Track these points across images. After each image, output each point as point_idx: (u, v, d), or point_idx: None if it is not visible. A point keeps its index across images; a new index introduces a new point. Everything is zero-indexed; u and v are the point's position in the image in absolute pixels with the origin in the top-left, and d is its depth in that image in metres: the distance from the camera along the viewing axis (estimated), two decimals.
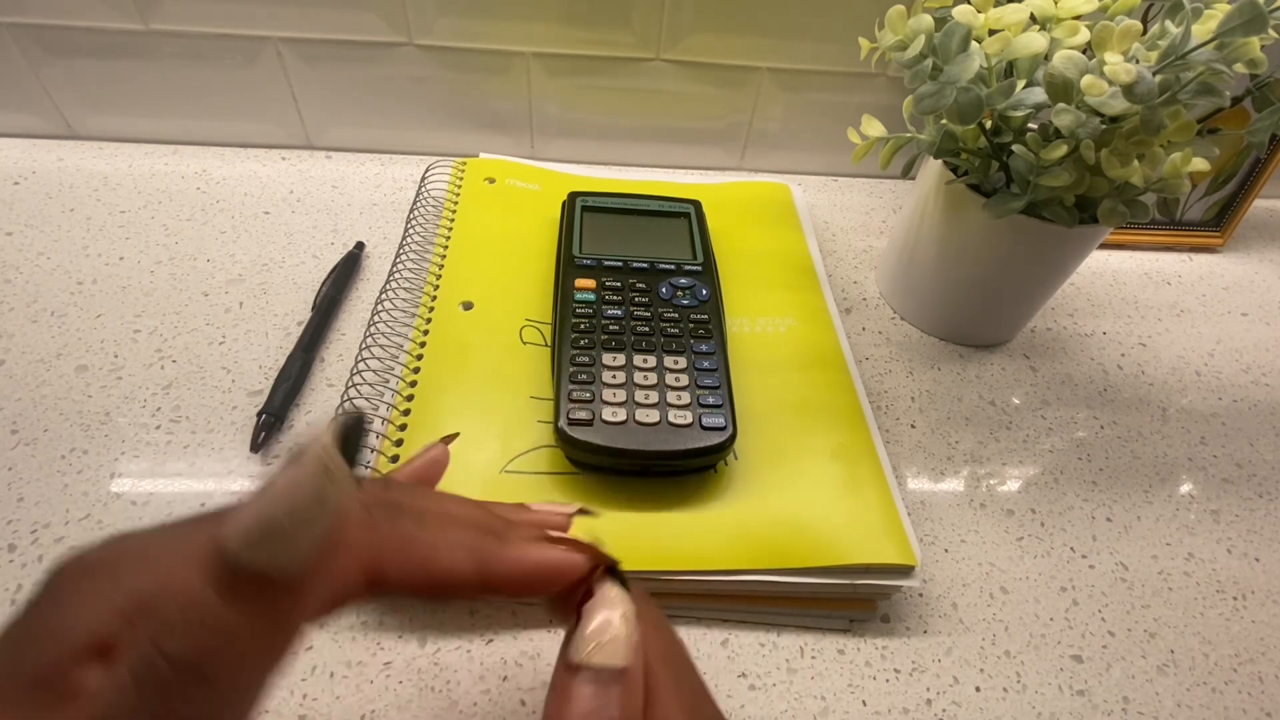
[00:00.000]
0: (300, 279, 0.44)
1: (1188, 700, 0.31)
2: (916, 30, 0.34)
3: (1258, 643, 0.33)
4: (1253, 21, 0.29)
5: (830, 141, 0.57)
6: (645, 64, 0.52)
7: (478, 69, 0.51)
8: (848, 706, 0.30)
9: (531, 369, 0.37)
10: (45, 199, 0.47)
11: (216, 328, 0.40)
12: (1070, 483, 0.39)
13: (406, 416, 0.34)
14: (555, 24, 0.49)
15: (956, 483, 0.38)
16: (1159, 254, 0.57)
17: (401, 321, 0.40)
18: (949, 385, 0.43)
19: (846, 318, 0.47)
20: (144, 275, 0.43)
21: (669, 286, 0.39)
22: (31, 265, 0.43)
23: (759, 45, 0.51)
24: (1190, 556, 0.37)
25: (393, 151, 0.55)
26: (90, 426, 0.35)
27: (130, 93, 0.50)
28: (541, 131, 0.55)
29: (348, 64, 0.50)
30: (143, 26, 0.47)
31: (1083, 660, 0.32)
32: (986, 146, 0.39)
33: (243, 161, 0.53)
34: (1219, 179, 0.54)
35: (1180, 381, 0.46)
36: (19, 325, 0.39)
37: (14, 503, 0.32)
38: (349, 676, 0.28)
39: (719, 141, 0.57)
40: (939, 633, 0.32)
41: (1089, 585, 0.35)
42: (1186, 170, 0.35)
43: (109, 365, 0.38)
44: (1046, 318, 0.49)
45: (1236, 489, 0.40)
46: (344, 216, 0.49)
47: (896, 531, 0.32)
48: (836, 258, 0.52)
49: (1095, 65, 0.31)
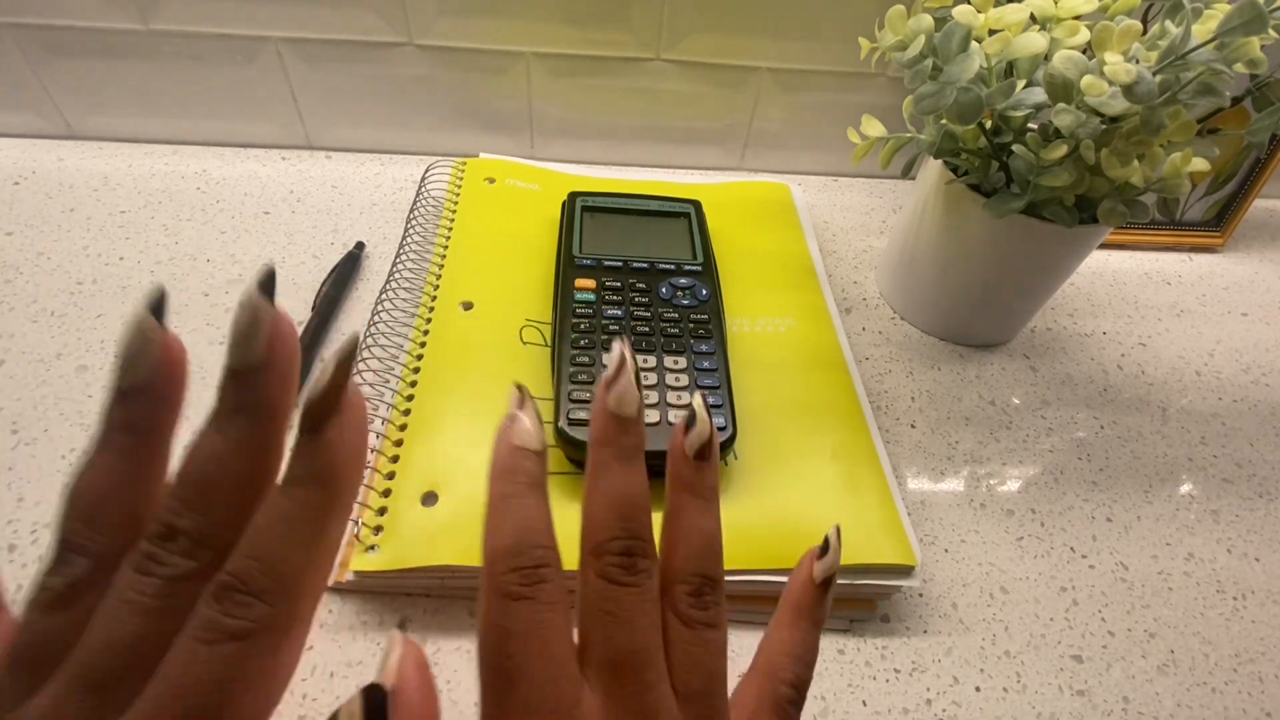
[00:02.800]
0: (300, 279, 0.44)
1: (1188, 700, 0.31)
2: (916, 30, 0.34)
3: (1258, 643, 0.33)
4: (1253, 21, 0.29)
5: (830, 141, 0.57)
6: (645, 64, 0.52)
7: (478, 69, 0.51)
8: (848, 706, 0.30)
9: (531, 369, 0.37)
10: (45, 199, 0.47)
11: (216, 328, 0.40)
12: (1070, 483, 0.39)
13: (406, 416, 0.34)
14: (555, 24, 0.49)
15: (956, 483, 0.38)
16: (1159, 254, 0.57)
17: (401, 321, 0.40)
18: (949, 385, 0.43)
19: (846, 318, 0.47)
20: (144, 275, 0.43)
21: (669, 286, 0.39)
22: (31, 265, 0.43)
23: (759, 45, 0.51)
24: (1190, 556, 0.37)
25: (393, 151, 0.55)
26: (90, 426, 0.35)
27: (130, 93, 0.50)
28: (541, 131, 0.55)
29: (348, 64, 0.50)
30: (143, 26, 0.47)
31: (1083, 660, 0.32)
32: (986, 146, 0.39)
33: (243, 161, 0.53)
34: (1219, 179, 0.54)
35: (1180, 381, 0.46)
36: (19, 325, 0.39)
37: (14, 503, 0.32)
38: (349, 676, 0.28)
39: (719, 141, 0.57)
40: (939, 633, 0.32)
41: (1089, 585, 0.35)
42: (1186, 170, 0.35)
43: (109, 365, 0.38)
44: (1046, 318, 0.49)
45: (1236, 489, 0.40)
46: (344, 216, 0.49)
47: (896, 531, 0.32)
48: (836, 258, 0.52)
49: (1095, 65, 0.31)
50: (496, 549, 0.17)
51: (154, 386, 0.15)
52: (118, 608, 0.14)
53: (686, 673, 0.18)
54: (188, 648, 0.14)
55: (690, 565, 0.19)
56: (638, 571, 0.18)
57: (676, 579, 0.19)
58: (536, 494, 0.18)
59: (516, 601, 0.16)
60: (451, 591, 0.31)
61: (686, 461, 0.19)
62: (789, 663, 0.20)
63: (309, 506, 0.15)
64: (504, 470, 0.18)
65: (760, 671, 0.20)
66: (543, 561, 0.17)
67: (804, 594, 0.21)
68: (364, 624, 0.30)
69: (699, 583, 0.19)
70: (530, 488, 0.18)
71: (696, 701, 0.18)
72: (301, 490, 0.15)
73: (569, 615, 0.17)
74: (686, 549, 0.19)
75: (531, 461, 0.18)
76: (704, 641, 0.18)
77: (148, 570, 0.14)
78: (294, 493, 0.15)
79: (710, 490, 0.20)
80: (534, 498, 0.18)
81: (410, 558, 0.29)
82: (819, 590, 0.21)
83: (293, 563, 0.15)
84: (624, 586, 0.18)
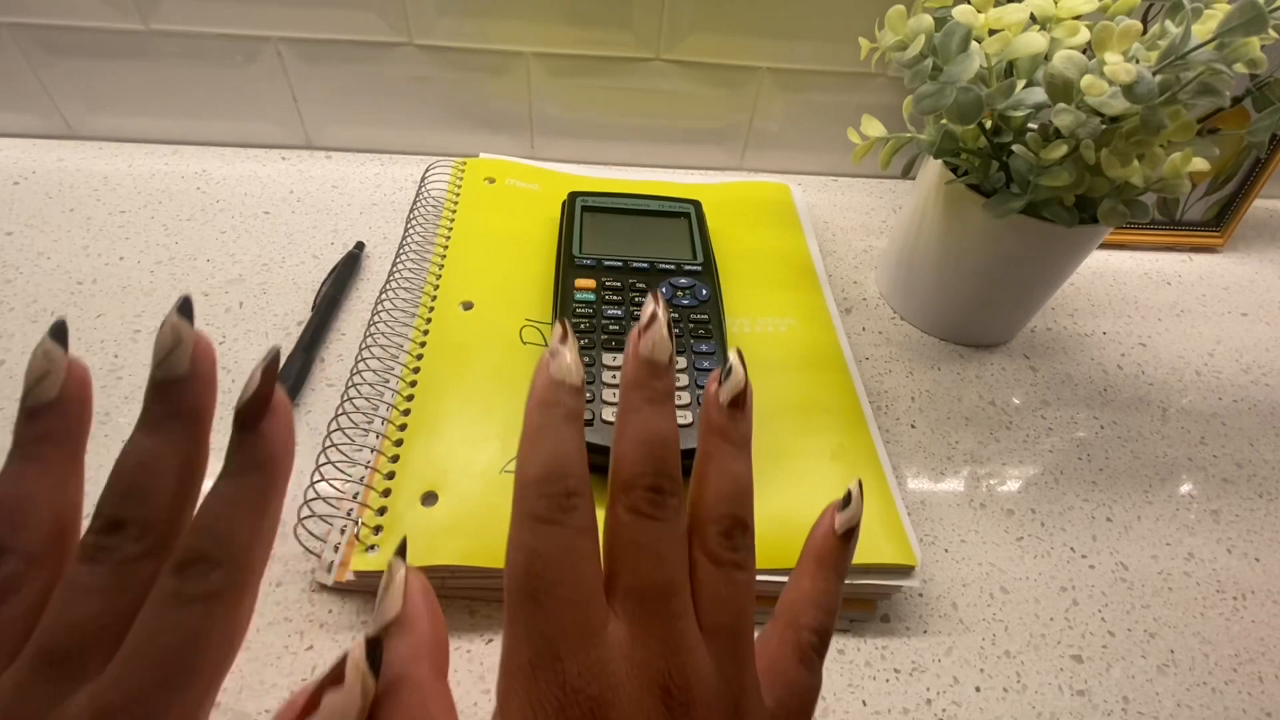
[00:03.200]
0: (300, 279, 0.44)
1: (1188, 700, 0.31)
2: (916, 30, 0.34)
3: (1258, 643, 0.33)
4: (1253, 21, 0.29)
5: (830, 141, 0.57)
6: (645, 64, 0.52)
7: (478, 69, 0.51)
8: (848, 706, 0.30)
9: (531, 369, 0.37)
10: (45, 199, 0.47)
11: (216, 328, 0.40)
12: (1070, 483, 0.39)
13: (406, 416, 0.34)
14: (555, 24, 0.49)
15: (956, 483, 0.38)
16: (1159, 254, 0.57)
17: (401, 321, 0.40)
18: (949, 385, 0.43)
19: (846, 318, 0.47)
20: (144, 275, 0.43)
21: (669, 286, 0.39)
22: (31, 265, 0.43)
23: (759, 45, 0.51)
24: (1190, 556, 0.37)
25: (393, 151, 0.55)
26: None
27: (130, 93, 0.50)
28: (541, 131, 0.55)
29: (348, 64, 0.50)
30: (143, 26, 0.47)
31: (1083, 660, 0.32)
32: (986, 146, 0.39)
33: (243, 161, 0.53)
34: (1219, 179, 0.54)
35: (1180, 381, 0.46)
36: (19, 325, 0.39)
37: None
38: None
39: (719, 141, 0.57)
40: (939, 633, 0.32)
41: (1089, 585, 0.35)
42: (1186, 170, 0.35)
43: (109, 365, 0.38)
44: (1046, 318, 0.49)
45: (1236, 489, 0.40)
46: (344, 216, 0.49)
47: (896, 531, 0.32)
48: (836, 258, 0.52)
49: (1095, 65, 0.31)
50: (528, 476, 0.18)
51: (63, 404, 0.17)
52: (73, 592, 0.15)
53: (713, 609, 0.18)
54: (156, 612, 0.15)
55: (721, 507, 0.19)
56: (666, 508, 0.18)
57: (707, 519, 0.19)
58: (571, 426, 0.18)
59: (546, 525, 0.17)
60: (452, 591, 0.31)
61: (720, 409, 0.20)
62: (812, 609, 0.20)
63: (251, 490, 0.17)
64: (541, 402, 0.19)
65: (782, 619, 0.20)
66: (574, 490, 0.17)
67: (825, 544, 0.21)
68: (364, 624, 0.30)
69: (729, 523, 0.19)
70: (566, 420, 0.18)
71: (721, 637, 0.18)
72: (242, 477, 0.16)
73: (597, 545, 0.18)
74: (717, 491, 0.19)
75: (569, 395, 0.19)
76: (732, 581, 0.18)
77: (97, 559, 0.16)
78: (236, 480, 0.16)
79: (743, 438, 0.20)
80: (569, 430, 0.18)
81: (410, 558, 0.29)
82: (840, 541, 0.21)
83: (241, 536, 0.16)
84: (653, 520, 0.18)
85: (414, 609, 0.17)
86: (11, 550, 0.16)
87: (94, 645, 0.15)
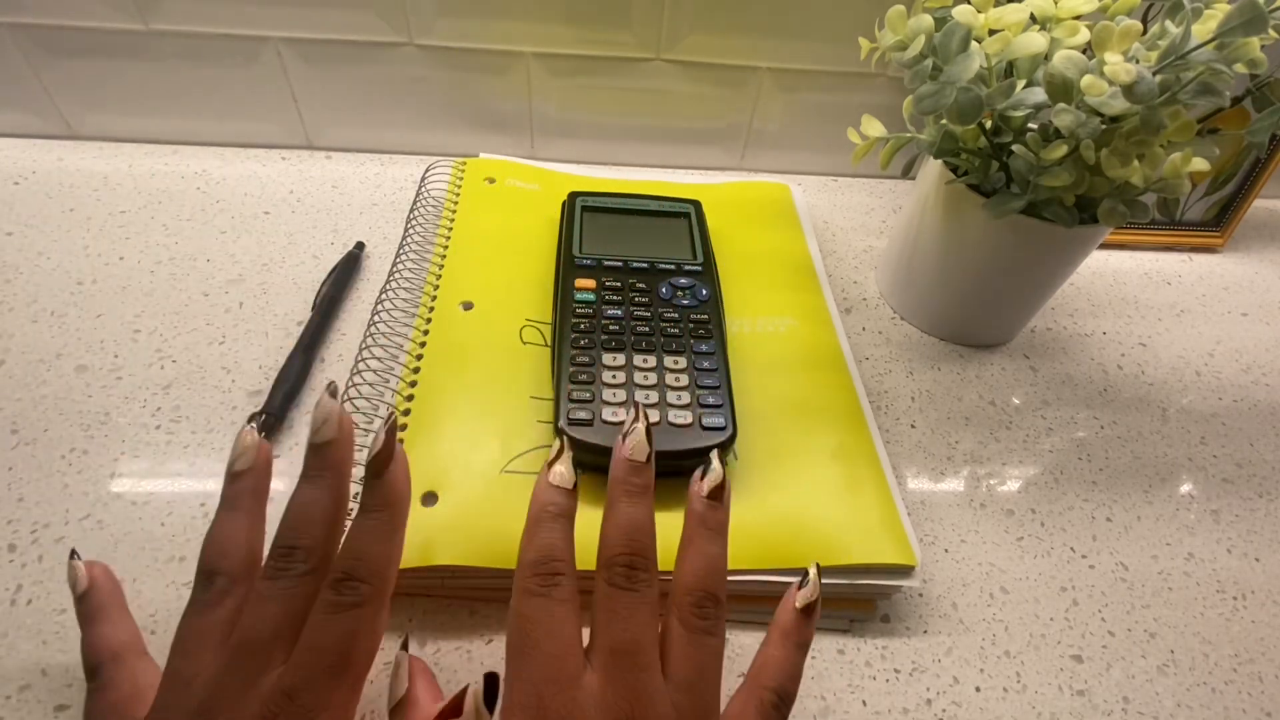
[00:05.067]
0: (300, 279, 0.44)
1: (1188, 700, 0.31)
2: (916, 30, 0.34)
3: (1258, 643, 0.34)
4: (1253, 21, 0.29)
5: (830, 141, 0.57)
6: (645, 64, 0.52)
7: (478, 69, 0.51)
8: (848, 706, 0.30)
9: (531, 369, 0.37)
10: (45, 199, 0.47)
11: (216, 328, 0.40)
12: (1070, 483, 0.39)
13: (407, 417, 0.34)
14: (555, 24, 0.49)
15: (956, 483, 0.38)
16: (1159, 254, 0.57)
17: (401, 322, 0.40)
18: (949, 385, 0.43)
19: (846, 318, 0.47)
20: (144, 275, 0.43)
21: (669, 286, 0.39)
22: (31, 265, 0.43)
23: (759, 45, 0.51)
24: (1190, 556, 0.37)
25: (393, 151, 0.55)
26: (90, 426, 0.35)
27: (130, 93, 0.50)
28: (541, 131, 0.55)
29: (348, 64, 0.50)
30: (143, 26, 0.47)
31: (1083, 660, 0.32)
32: (986, 146, 0.39)
33: (243, 161, 0.53)
34: (1219, 179, 0.54)
35: (1180, 381, 0.46)
36: (19, 325, 0.39)
37: (14, 503, 0.32)
38: None
39: (719, 141, 0.57)
40: (939, 633, 0.32)
41: (1089, 585, 0.35)
42: (1186, 170, 0.35)
43: (109, 365, 0.38)
44: (1046, 318, 0.49)
45: (1236, 489, 0.40)
46: (344, 216, 0.49)
47: (896, 531, 0.32)
48: (836, 258, 0.52)
49: (1095, 65, 0.31)
50: (525, 559, 0.23)
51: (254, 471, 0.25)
52: (263, 601, 0.21)
53: (679, 665, 0.22)
54: (321, 618, 0.21)
55: (696, 582, 0.23)
56: (639, 581, 0.22)
57: (685, 591, 0.23)
58: (562, 522, 0.23)
59: (535, 597, 0.22)
60: (452, 591, 0.31)
61: (702, 500, 0.25)
62: (774, 673, 0.24)
63: (383, 522, 0.23)
64: (540, 502, 0.24)
65: (749, 683, 0.24)
66: (559, 571, 0.22)
67: (787, 619, 0.25)
68: None
69: (701, 596, 0.23)
70: (557, 518, 0.23)
71: (685, 690, 0.21)
72: (376, 513, 0.23)
73: (579, 614, 0.22)
74: (694, 569, 0.23)
75: (562, 496, 0.24)
76: (700, 644, 0.22)
77: (277, 577, 0.22)
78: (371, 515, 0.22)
79: (720, 525, 0.24)
80: (560, 525, 0.23)
81: (410, 558, 0.29)
82: (801, 616, 0.25)
83: (379, 558, 0.22)
84: (626, 591, 0.22)
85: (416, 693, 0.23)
86: (222, 573, 0.23)
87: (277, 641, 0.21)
